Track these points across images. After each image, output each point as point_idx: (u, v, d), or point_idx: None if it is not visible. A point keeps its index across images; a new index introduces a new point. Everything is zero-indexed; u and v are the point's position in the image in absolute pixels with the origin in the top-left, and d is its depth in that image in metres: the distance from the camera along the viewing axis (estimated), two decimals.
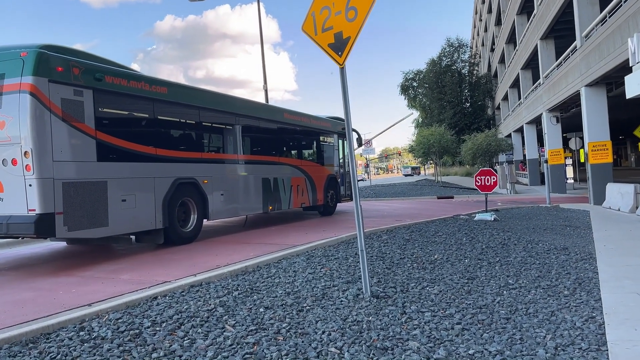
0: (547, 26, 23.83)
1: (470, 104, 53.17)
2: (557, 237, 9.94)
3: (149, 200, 8.88)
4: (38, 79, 7.06)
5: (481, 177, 13.72)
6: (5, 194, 7.18)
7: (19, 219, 7.07)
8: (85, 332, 4.30)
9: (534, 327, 4.57)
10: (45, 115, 7.15)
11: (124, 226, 8.40)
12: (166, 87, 9.65)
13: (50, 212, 7.12)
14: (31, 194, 7.02)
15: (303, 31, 5.86)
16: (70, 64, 7.65)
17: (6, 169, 7.13)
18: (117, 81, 8.44)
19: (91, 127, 7.90)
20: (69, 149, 7.51)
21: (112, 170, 8.23)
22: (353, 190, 5.67)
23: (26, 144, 7.00)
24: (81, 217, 7.60)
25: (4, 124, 7.13)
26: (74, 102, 7.61)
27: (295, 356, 3.87)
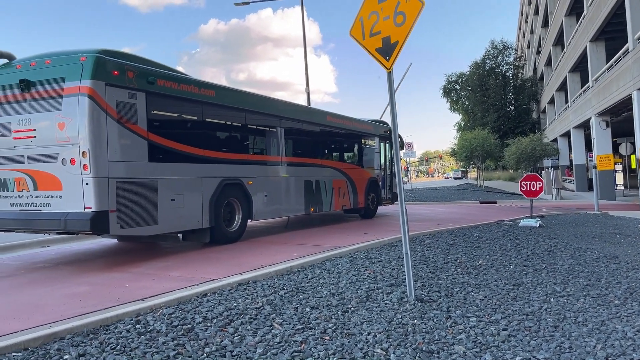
0: (597, 28, 23.14)
1: (515, 108, 52.03)
2: (606, 245, 9.67)
3: (196, 200, 9.12)
4: (96, 83, 7.37)
5: (526, 182, 13.46)
6: (64, 192, 7.52)
7: (75, 216, 7.37)
8: (141, 325, 4.51)
9: (583, 336, 4.50)
10: (102, 117, 7.46)
11: (172, 225, 8.67)
12: (214, 90, 9.88)
13: (105, 209, 7.41)
14: (88, 192, 7.32)
15: (351, 36, 5.95)
16: (125, 68, 7.95)
17: (65, 168, 7.46)
18: (168, 84, 8.71)
19: (143, 128, 8.20)
20: (122, 150, 7.81)
21: (162, 171, 8.51)
22: (399, 193, 5.70)
23: (84, 144, 7.32)
24: (133, 215, 7.88)
25: (63, 125, 7.46)
26: (128, 104, 7.92)
27: (342, 356, 3.94)
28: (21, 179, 7.84)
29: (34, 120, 7.73)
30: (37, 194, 7.73)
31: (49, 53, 8.08)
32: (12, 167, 7.91)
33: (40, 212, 7.70)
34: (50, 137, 7.59)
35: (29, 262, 8.58)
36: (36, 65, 7.84)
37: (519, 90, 52.00)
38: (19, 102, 7.86)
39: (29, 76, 7.77)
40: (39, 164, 7.68)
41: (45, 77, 7.67)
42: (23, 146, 7.81)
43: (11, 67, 8.15)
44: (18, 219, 7.87)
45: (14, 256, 9.48)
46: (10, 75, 8.01)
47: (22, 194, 7.85)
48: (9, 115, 7.96)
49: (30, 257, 9.24)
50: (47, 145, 7.61)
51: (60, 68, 7.60)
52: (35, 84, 7.73)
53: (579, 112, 28.95)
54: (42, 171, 7.65)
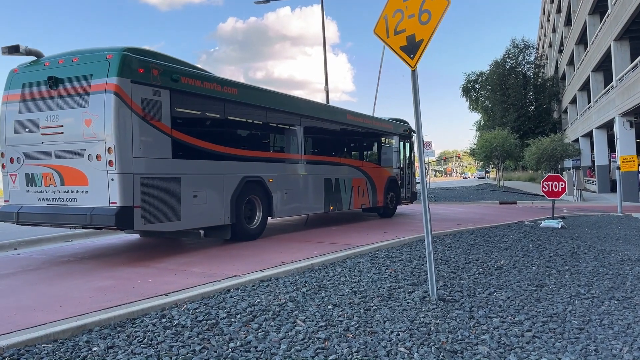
0: (622, 27, 22.74)
1: (535, 107, 51.38)
2: (630, 248, 9.51)
3: (218, 197, 9.23)
4: (122, 80, 7.48)
5: (549, 183, 13.30)
6: (90, 187, 7.67)
7: (101, 211, 7.50)
8: (167, 319, 4.57)
9: (609, 339, 4.45)
10: (127, 114, 7.56)
11: (194, 221, 8.74)
12: (236, 88, 9.97)
13: (130, 205, 7.52)
14: (113, 187, 7.44)
15: (375, 34, 5.94)
16: (150, 66, 8.06)
17: (91, 164, 7.61)
18: (191, 82, 8.80)
19: (167, 125, 8.27)
20: (147, 146, 7.91)
21: (185, 167, 8.59)
22: (422, 192, 5.69)
23: (110, 140, 7.43)
24: (156, 211, 7.99)
25: (90, 121, 7.59)
26: (152, 101, 8.01)
27: (366, 354, 3.95)
28: (49, 174, 8.02)
29: (61, 117, 7.87)
30: (64, 189, 7.89)
31: (76, 51, 8.21)
32: (40, 162, 8.10)
33: (66, 207, 7.86)
34: (77, 133, 7.73)
35: (54, 256, 8.74)
36: (64, 63, 7.99)
37: (540, 90, 51.34)
38: (47, 99, 8.03)
39: (57, 73, 7.93)
40: (66, 160, 7.84)
41: (72, 75, 7.83)
42: (51, 142, 7.98)
43: (39, 64, 8.34)
44: (45, 214, 8.04)
45: (40, 250, 9.67)
46: (38, 72, 8.19)
47: (49, 189, 8.03)
48: (37, 111, 8.13)
49: (55, 251, 9.41)
50: (74, 141, 7.76)
51: (88, 66, 7.75)
52: (63, 81, 7.89)
53: (602, 112, 28.50)
54: (69, 167, 7.81)
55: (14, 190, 8.43)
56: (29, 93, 8.25)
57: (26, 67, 8.52)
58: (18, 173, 8.35)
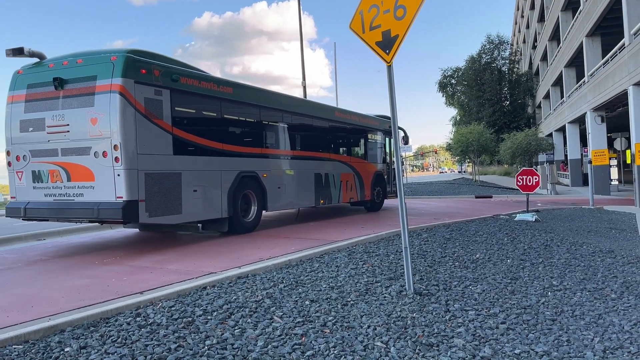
0: (594, 23, 23.18)
1: (510, 102, 52.11)
2: (602, 240, 9.74)
3: (216, 191, 9.58)
4: (126, 80, 7.79)
5: (523, 177, 13.50)
6: (96, 183, 7.96)
7: (108, 205, 7.80)
8: (142, 318, 4.51)
9: (580, 330, 4.55)
10: (132, 113, 7.88)
11: (194, 214, 9.09)
12: (231, 87, 10.33)
13: (135, 199, 7.83)
14: (119, 182, 7.75)
15: (351, 29, 5.93)
16: (152, 67, 8.35)
17: (97, 160, 7.91)
18: (190, 82, 9.15)
19: (168, 123, 8.59)
20: (150, 143, 8.20)
21: (186, 163, 8.92)
22: (398, 187, 5.72)
23: (116, 138, 7.75)
24: (160, 205, 8.31)
25: (96, 120, 7.89)
26: (154, 101, 8.33)
27: (343, 349, 3.96)
28: (55, 171, 8.30)
29: (67, 116, 8.14)
30: (71, 185, 8.18)
31: (79, 53, 8.54)
32: (46, 159, 8.37)
33: (73, 202, 8.15)
34: (83, 131, 8.01)
35: (26, 255, 8.56)
36: (68, 64, 8.27)
37: (515, 85, 52.08)
38: (53, 99, 8.29)
39: (62, 74, 8.20)
40: (72, 157, 8.13)
41: (77, 76, 8.11)
42: (57, 140, 8.25)
43: (43, 66, 8.58)
44: (52, 209, 8.34)
45: (11, 249, 9.46)
46: (43, 73, 8.44)
47: (55, 185, 8.31)
48: (43, 111, 8.37)
49: (27, 250, 9.22)
50: (80, 139, 8.04)
51: (92, 67, 8.02)
52: (68, 82, 8.16)
53: (575, 107, 29.04)
54: (75, 163, 8.11)
55: (21, 187, 8.68)
56: (34, 93, 8.50)
57: (30, 69, 8.74)
58: (24, 170, 8.60)
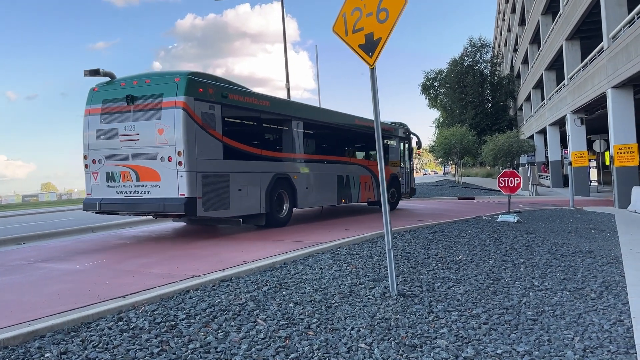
0: (573, 27, 23.55)
1: (492, 105, 52.65)
2: (582, 240, 9.88)
3: (256, 190, 10.97)
4: (187, 98, 9.28)
5: (505, 179, 13.66)
6: (162, 182, 9.38)
7: (172, 201, 9.23)
8: (124, 322, 4.46)
9: (561, 329, 4.61)
10: (192, 125, 9.34)
11: (239, 210, 10.49)
12: (269, 101, 11.79)
13: (194, 196, 9.25)
14: (182, 182, 9.20)
15: (334, 32, 5.95)
16: (207, 86, 9.81)
17: (163, 164, 9.37)
18: (236, 97, 10.61)
19: (220, 133, 10.04)
20: (205, 150, 9.65)
21: (233, 166, 10.35)
22: (381, 188, 5.75)
23: (179, 145, 9.21)
24: (213, 201, 9.72)
25: (162, 130, 9.35)
26: (209, 114, 9.78)
27: (327, 351, 3.97)
28: (126, 172, 9.76)
29: (137, 127, 9.62)
30: (139, 184, 9.63)
31: (146, 73, 10.07)
32: (118, 162, 9.85)
33: (141, 198, 9.59)
34: (151, 139, 9.48)
35: (5, 260, 8.42)
36: (138, 84, 9.75)
37: (497, 88, 52.63)
38: (125, 112, 9.77)
39: (132, 92, 9.68)
40: (141, 161, 9.59)
41: (146, 93, 9.58)
42: (128, 147, 9.73)
43: (116, 84, 10.07)
44: (123, 204, 9.81)
45: None
46: (116, 90, 9.93)
47: (126, 184, 9.77)
48: (116, 122, 9.86)
49: (6, 255, 9.07)
50: (149, 146, 9.50)
51: (159, 86, 9.48)
52: (138, 98, 9.65)
53: (555, 109, 29.45)
54: (143, 166, 9.55)
55: (96, 186, 10.14)
56: (108, 107, 9.99)
57: (104, 86, 10.21)
58: (99, 172, 10.08)
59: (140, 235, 11.13)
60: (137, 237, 10.84)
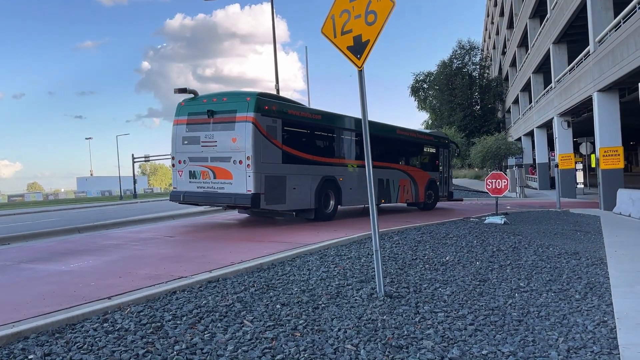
0: (560, 30, 23.79)
1: (481, 107, 53.04)
2: (567, 242, 9.98)
3: (307, 189, 12.91)
4: (256, 114, 11.40)
5: (492, 180, 13.76)
6: (234, 181, 11.52)
7: (241, 196, 11.39)
8: (109, 323, 4.43)
9: (546, 330, 4.65)
10: (259, 136, 11.43)
11: (293, 204, 12.56)
12: (320, 115, 13.92)
13: (259, 192, 11.35)
14: (249, 181, 11.30)
15: (322, 34, 5.96)
16: (271, 104, 11.97)
17: (235, 166, 11.49)
18: (294, 112, 12.76)
19: (280, 142, 12.11)
20: (268, 155, 11.71)
21: (289, 169, 12.33)
22: (369, 189, 5.77)
23: (248, 152, 11.29)
24: (273, 197, 11.75)
25: (235, 139, 11.47)
26: (272, 127, 11.88)
27: (313, 352, 3.97)
28: (205, 171, 11.98)
29: (215, 135, 11.80)
30: (216, 181, 11.82)
31: (223, 92, 12.40)
32: (199, 164, 12.09)
33: (217, 193, 11.79)
34: (226, 146, 11.63)
35: None
36: (217, 101, 11.99)
37: (485, 90, 53.02)
38: (205, 124, 11.99)
39: (212, 107, 11.89)
40: (218, 163, 11.77)
41: (223, 109, 11.78)
42: (207, 151, 11.93)
43: (199, 100, 12.33)
44: (202, 196, 12.06)
45: None
46: (199, 105, 12.19)
47: (205, 181, 11.99)
48: (198, 131, 12.13)
49: None
50: (224, 151, 11.65)
51: (233, 103, 11.68)
52: (216, 113, 11.83)
53: (542, 112, 29.72)
54: (220, 167, 11.73)
55: (181, 181, 12.41)
56: (192, 119, 12.23)
57: (189, 102, 12.47)
58: (184, 170, 12.34)
59: (127, 237, 11.05)
60: (124, 238, 10.77)
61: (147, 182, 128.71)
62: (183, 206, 15.10)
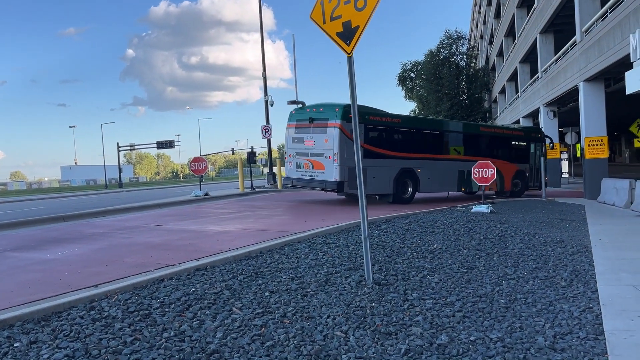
0: (547, 20, 23.85)
1: (467, 97, 53.06)
2: (553, 230, 10.09)
3: (386, 178, 15.58)
4: (342, 121, 14.42)
5: (479, 169, 13.82)
6: (325, 171, 14.79)
7: (330, 182, 14.60)
8: (96, 311, 4.39)
9: (532, 316, 4.70)
10: (344, 138, 14.38)
11: (373, 190, 15.40)
12: (399, 118, 16.69)
13: (343, 180, 14.38)
14: (336, 172, 14.41)
15: (311, 19, 5.90)
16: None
17: (326, 160, 14.76)
18: (374, 118, 15.58)
19: (362, 141, 13.90)
20: (351, 152, 13.67)
21: (369, 163, 14.72)
22: (358, 178, 5.76)
23: (335, 149, 14.43)
24: (354, 184, 12.35)
25: (327, 140, 14.71)
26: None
27: (302, 339, 3.97)
28: (306, 163, 15.46)
29: (314, 137, 15.21)
30: (313, 171, 15.24)
31: (320, 104, 15.60)
32: (303, 157, 15.64)
33: (314, 179, 15.24)
34: (321, 145, 14.97)
35: None
36: (315, 111, 15.38)
37: (472, 80, 53.05)
38: (307, 128, 15.49)
39: (312, 115, 15.34)
40: (315, 157, 15.20)
41: (319, 117, 15.15)
42: (308, 149, 15.45)
43: (304, 109, 15.94)
44: (304, 181, 15.64)
45: None
46: (304, 113, 15.73)
47: (306, 171, 15.50)
48: (302, 134, 15.66)
49: None
50: (319, 149, 15.02)
51: (326, 113, 15.00)
52: (315, 120, 15.24)
53: (528, 102, 29.89)
54: (316, 160, 15.14)
55: (290, 170, 16.18)
56: (299, 124, 15.84)
57: (298, 110, 16.12)
58: (292, 162, 16.06)
59: (114, 225, 10.96)
60: (110, 227, 10.68)
61: (132, 171, 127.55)
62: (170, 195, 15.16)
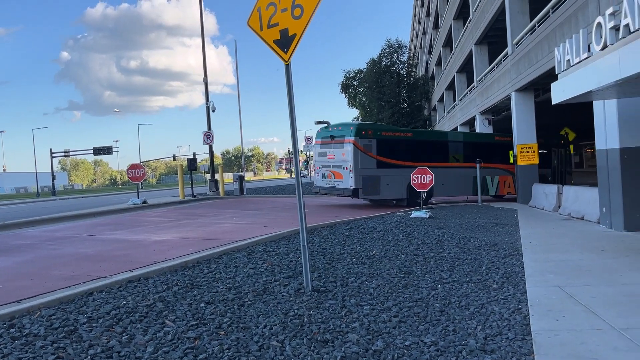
0: (482, 32, 24.82)
1: (408, 105, 54.36)
2: (487, 234, 10.43)
3: (399, 185, 17.54)
4: (356, 138, 16.92)
5: (418, 176, 14.14)
6: (344, 180, 17.15)
7: (347, 190, 16.91)
8: (16, 329, 4.12)
9: (465, 319, 4.82)
10: (358, 152, 16.86)
11: (386, 195, 17.69)
12: (411, 133, 19.38)
13: (358, 187, 16.72)
14: (352, 180, 16.75)
15: (249, 26, 5.85)
16: (367, 129, 17.73)
17: (344, 171, 17.10)
18: (386, 134, 18.04)
19: (374, 154, 17.39)
20: (365, 163, 17.09)
21: (382, 172, 17.38)
22: (297, 186, 5.73)
23: (351, 162, 16.84)
24: (368, 190, 17.15)
25: (344, 154, 17.13)
26: (368, 144, 17.30)
27: (237, 350, 3.88)
28: (329, 174, 17.85)
29: (334, 152, 17.70)
30: (335, 180, 17.57)
31: (339, 123, 18.37)
32: (326, 169, 18.10)
33: (335, 187, 17.58)
34: (340, 158, 17.42)
35: None
36: (335, 129, 17.99)
37: (412, 88, 54.40)
38: (329, 144, 18.01)
39: (333, 134, 17.90)
40: (335, 168, 17.58)
41: (338, 135, 17.67)
42: (330, 161, 17.88)
43: (327, 128, 18.60)
44: (328, 189, 17.96)
45: None
46: (327, 132, 18.36)
47: (329, 180, 17.90)
48: (326, 149, 18.21)
49: None
50: (339, 161, 17.43)
51: (343, 131, 17.53)
52: (335, 137, 17.78)
53: (465, 110, 30.95)
54: (336, 171, 17.51)
55: (317, 179, 18.75)
56: (323, 141, 18.46)
57: (322, 129, 18.80)
58: (319, 173, 18.48)
59: (42, 236, 10.43)
60: (38, 237, 10.15)
61: (67, 179, 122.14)
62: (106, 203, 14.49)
